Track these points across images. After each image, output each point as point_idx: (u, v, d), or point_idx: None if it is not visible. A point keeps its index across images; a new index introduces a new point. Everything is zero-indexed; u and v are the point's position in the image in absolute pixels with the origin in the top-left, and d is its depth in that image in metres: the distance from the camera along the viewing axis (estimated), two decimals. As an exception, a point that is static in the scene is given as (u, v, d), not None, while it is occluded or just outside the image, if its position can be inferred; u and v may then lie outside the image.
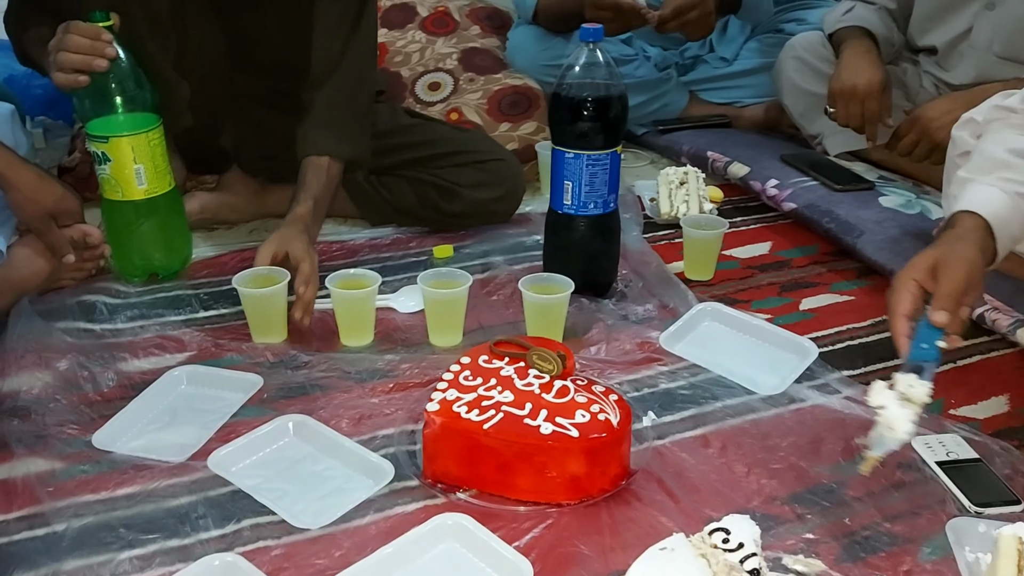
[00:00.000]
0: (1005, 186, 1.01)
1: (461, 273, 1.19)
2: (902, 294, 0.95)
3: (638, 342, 1.21)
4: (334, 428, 1.00)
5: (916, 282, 0.95)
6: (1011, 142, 1.05)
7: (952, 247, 0.96)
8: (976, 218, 0.98)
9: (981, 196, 1.01)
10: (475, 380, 0.96)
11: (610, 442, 0.90)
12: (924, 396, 0.89)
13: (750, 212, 1.68)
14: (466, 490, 0.92)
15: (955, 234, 0.98)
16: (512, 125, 1.76)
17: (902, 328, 0.94)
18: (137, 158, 1.22)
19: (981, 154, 1.07)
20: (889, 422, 0.87)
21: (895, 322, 0.94)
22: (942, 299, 0.93)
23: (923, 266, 0.95)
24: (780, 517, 0.90)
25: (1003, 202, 1.00)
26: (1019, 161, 1.02)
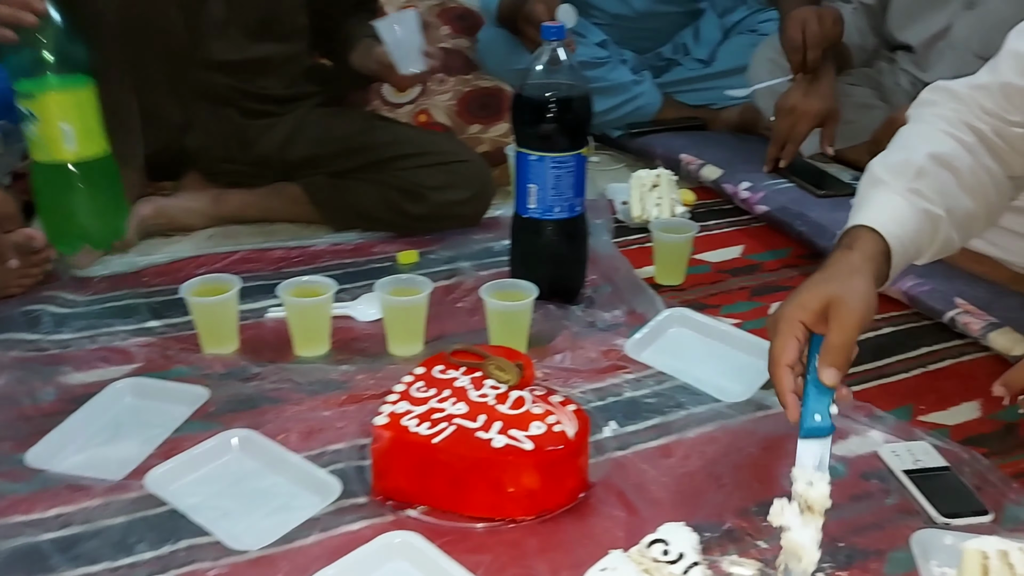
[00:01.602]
0: (914, 200, 0.91)
1: (421, 280, 1.16)
2: (787, 339, 0.84)
3: (604, 350, 1.17)
4: (282, 443, 0.96)
5: (803, 325, 0.84)
6: (934, 144, 0.96)
7: (847, 285, 0.84)
8: (877, 240, 0.89)
9: (888, 210, 0.91)
10: (428, 392, 0.92)
11: (566, 455, 0.87)
12: (824, 496, 0.77)
13: (723, 215, 1.65)
14: (417, 507, 0.88)
15: (850, 263, 0.87)
16: (482, 127, 1.72)
17: (787, 382, 0.83)
18: (65, 116, 1.14)
19: (902, 148, 0.98)
20: (794, 549, 0.76)
21: (779, 373, 0.84)
22: (832, 352, 0.82)
23: (813, 307, 0.84)
24: (743, 528, 0.87)
25: (909, 218, 0.91)
26: (937, 170, 0.94)
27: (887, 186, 0.93)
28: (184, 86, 1.44)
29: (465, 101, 1.74)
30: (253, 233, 1.52)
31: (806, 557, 0.76)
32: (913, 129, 1.01)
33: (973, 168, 0.95)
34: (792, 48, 1.64)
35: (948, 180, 0.94)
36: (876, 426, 1.02)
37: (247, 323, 1.22)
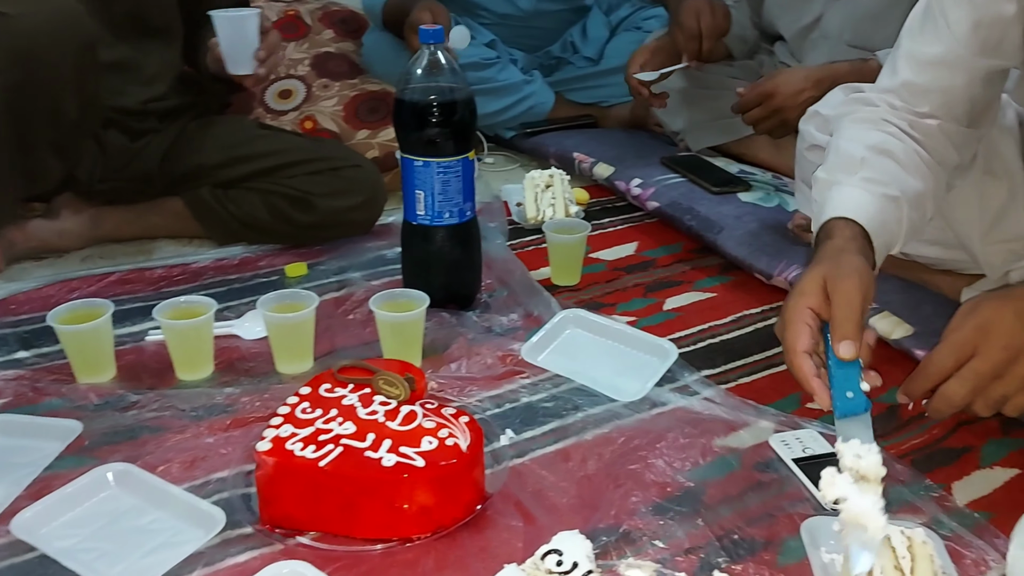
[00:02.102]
0: (870, 188, 0.94)
1: (307, 294, 1.12)
2: (798, 327, 0.83)
3: (500, 355, 1.16)
4: (163, 474, 0.91)
5: (811, 311, 0.84)
6: (866, 138, 1.00)
7: (836, 262, 0.86)
8: (851, 224, 0.90)
9: (851, 200, 0.93)
10: (314, 412, 0.89)
11: (459, 468, 0.85)
12: (878, 465, 0.75)
13: (617, 212, 1.66)
14: (308, 533, 0.85)
15: (834, 245, 0.88)
16: (371, 132, 1.69)
17: (808, 368, 0.82)
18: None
19: (838, 153, 1.02)
20: (857, 518, 0.72)
21: (796, 361, 0.83)
22: (840, 326, 0.82)
23: (813, 290, 0.84)
24: (639, 529, 0.87)
25: (872, 205, 0.93)
26: (877, 158, 0.97)
27: (840, 184, 0.96)
28: None
29: (352, 106, 1.71)
30: (132, 252, 1.46)
31: (872, 524, 0.72)
32: (841, 134, 1.04)
33: (907, 151, 0.98)
34: (689, 36, 1.67)
35: (890, 165, 0.97)
36: (766, 417, 1.04)
37: (125, 348, 1.16)
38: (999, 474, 0.96)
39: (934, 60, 0.98)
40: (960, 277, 1.22)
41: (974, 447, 1.01)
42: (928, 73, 0.99)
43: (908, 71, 1.00)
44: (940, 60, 0.97)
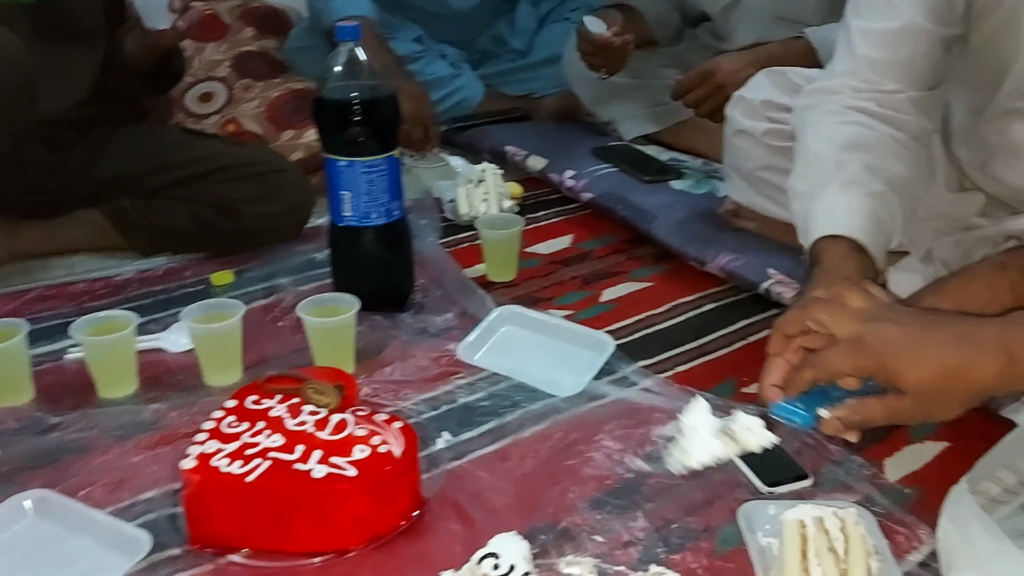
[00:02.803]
0: (852, 191, 0.91)
1: (232, 303, 1.09)
2: (776, 362, 0.82)
3: (435, 356, 1.15)
4: (86, 498, 0.88)
5: None
6: (835, 136, 0.98)
7: (838, 281, 0.82)
8: (839, 242, 0.88)
9: (836, 212, 0.90)
10: (240, 426, 0.86)
11: (394, 475, 0.84)
12: (754, 445, 0.77)
13: (551, 205, 1.66)
14: (239, 551, 0.82)
15: (823, 270, 0.85)
16: (296, 133, 1.66)
17: (771, 377, 0.82)
18: None
19: (807, 159, 0.99)
20: (686, 446, 0.78)
21: (766, 388, 0.82)
22: None
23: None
24: (581, 525, 0.86)
25: (859, 210, 0.90)
26: (851, 156, 0.95)
27: (819, 196, 0.93)
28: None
29: (276, 106, 1.67)
30: (51, 267, 1.40)
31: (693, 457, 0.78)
32: (808, 136, 1.01)
33: (881, 139, 0.97)
34: None
35: (867, 159, 0.94)
36: (703, 403, 1.04)
37: (44, 368, 1.12)
38: (929, 448, 0.98)
39: (892, 32, 0.97)
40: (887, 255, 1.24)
41: (904, 423, 1.02)
42: (888, 47, 0.98)
43: (866, 47, 0.99)
44: (899, 32, 0.97)
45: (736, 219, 1.41)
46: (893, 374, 0.73)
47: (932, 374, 0.72)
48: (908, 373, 0.72)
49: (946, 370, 0.72)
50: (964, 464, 0.81)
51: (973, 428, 0.99)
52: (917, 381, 0.72)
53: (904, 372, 0.72)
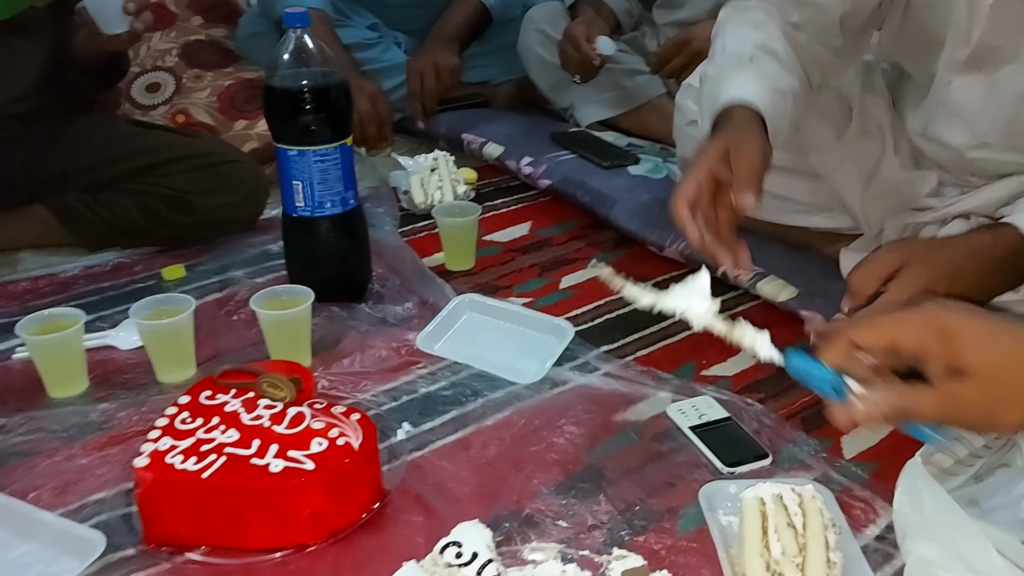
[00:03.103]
0: (762, 80, 0.97)
1: (183, 298, 1.06)
2: (689, 182, 0.88)
3: (395, 346, 1.13)
4: (33, 502, 0.85)
5: (710, 171, 0.88)
6: (751, 37, 1.03)
7: (737, 132, 0.90)
8: (746, 109, 0.93)
9: (747, 87, 0.95)
10: (194, 422, 0.84)
11: (353, 468, 0.82)
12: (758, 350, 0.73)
13: (509, 193, 1.65)
14: (197, 549, 0.80)
15: (734, 123, 0.92)
16: (249, 122, 1.62)
17: (684, 212, 0.88)
18: None
19: (724, 51, 1.04)
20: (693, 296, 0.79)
21: (678, 206, 0.88)
22: (742, 180, 0.86)
23: (714, 154, 0.88)
24: (543, 511, 0.86)
25: (766, 95, 0.95)
26: (765, 56, 1.01)
27: (731, 76, 0.99)
28: None
29: (227, 96, 1.63)
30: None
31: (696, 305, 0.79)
32: (726, 36, 1.07)
33: (787, 52, 1.03)
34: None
35: (776, 64, 1.01)
36: (664, 387, 1.05)
37: (-11, 369, 1.08)
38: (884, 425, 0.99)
39: None
40: (839, 237, 1.26)
41: (861, 401, 1.03)
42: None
43: None
44: None
45: (694, 203, 1.41)
46: (959, 348, 0.59)
47: (1005, 354, 0.59)
48: (978, 347, 0.58)
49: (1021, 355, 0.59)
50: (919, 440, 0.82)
51: (928, 403, 1.01)
52: (985, 360, 0.58)
53: (974, 345, 0.59)
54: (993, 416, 0.59)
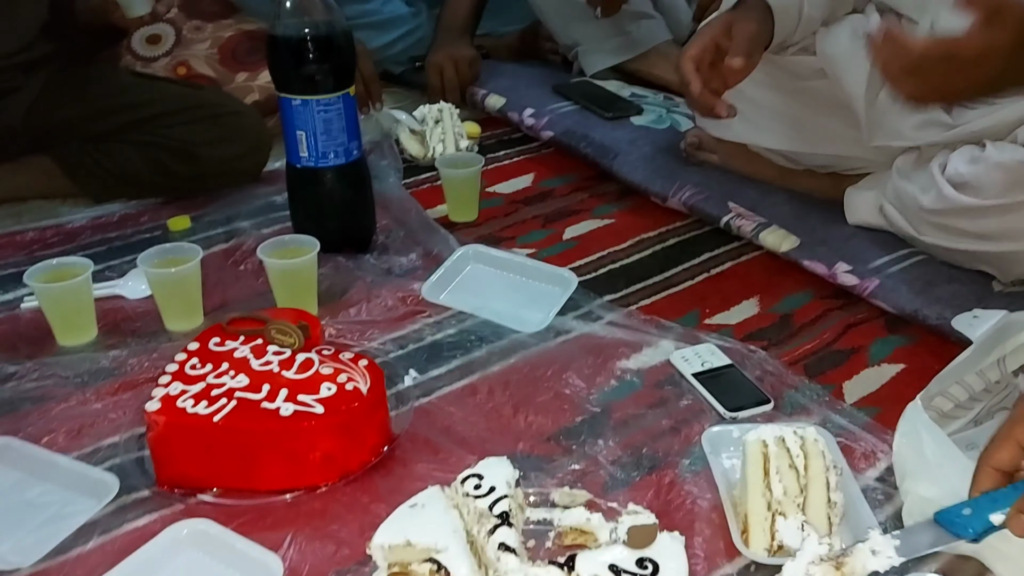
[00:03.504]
0: None
1: (190, 247, 1.07)
2: (696, 44, 1.10)
3: (401, 296, 1.14)
4: (48, 445, 0.87)
5: (713, 40, 1.05)
6: None
7: (742, 12, 1.08)
8: (760, 3, 1.08)
9: None
10: (204, 367, 0.86)
11: (362, 412, 0.84)
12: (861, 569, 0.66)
13: (512, 144, 1.64)
14: (209, 491, 0.82)
15: (744, 6, 1.09)
16: (250, 75, 1.61)
17: (690, 68, 1.09)
18: None
19: None
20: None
21: (684, 62, 1.09)
22: (737, 47, 1.02)
23: (718, 26, 1.05)
24: (549, 455, 0.88)
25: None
26: None
27: None
28: None
29: (228, 48, 1.62)
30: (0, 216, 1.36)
31: None
32: None
33: None
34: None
35: None
36: (667, 335, 1.06)
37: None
38: (886, 370, 1.01)
39: None
40: (843, 178, 1.26)
41: (862, 347, 1.05)
42: None
43: None
44: None
45: (698, 152, 1.41)
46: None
47: None
48: None
49: None
50: (920, 384, 0.84)
51: (929, 350, 1.02)
52: None
53: None
54: None
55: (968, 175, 1.04)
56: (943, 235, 1.09)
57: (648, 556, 0.64)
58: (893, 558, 0.66)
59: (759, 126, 1.28)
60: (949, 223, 1.08)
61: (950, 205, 1.06)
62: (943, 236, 1.09)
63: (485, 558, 0.68)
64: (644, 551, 0.64)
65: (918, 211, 1.11)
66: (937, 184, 1.07)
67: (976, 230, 1.06)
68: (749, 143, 1.33)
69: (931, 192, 1.08)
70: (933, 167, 1.08)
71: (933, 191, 1.08)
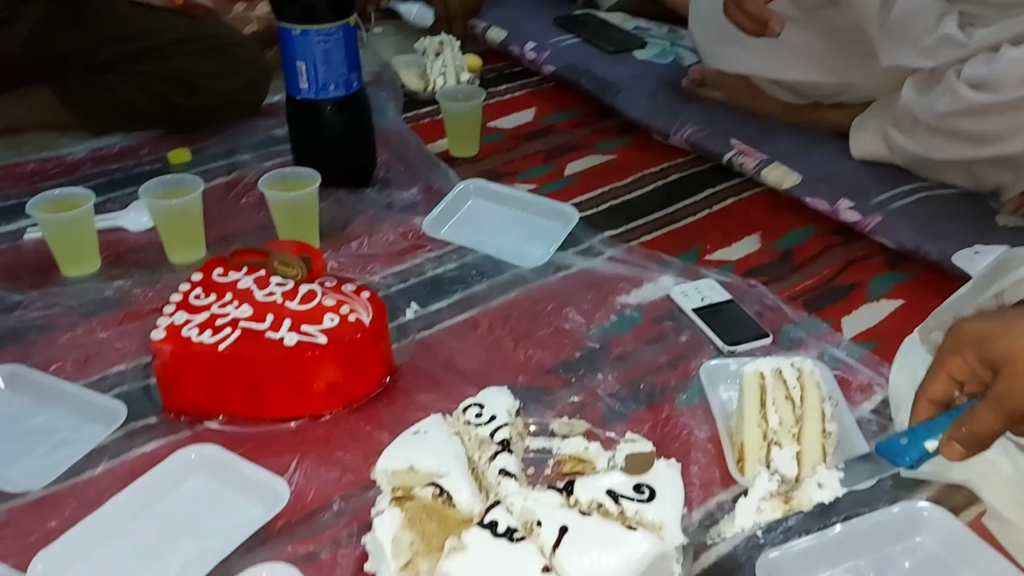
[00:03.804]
0: None
1: (191, 178, 1.07)
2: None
3: (402, 231, 1.15)
4: (55, 373, 0.88)
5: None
6: None
7: None
8: None
9: None
10: (208, 298, 0.86)
11: (364, 343, 0.85)
12: (807, 501, 0.69)
13: (513, 79, 1.62)
14: (216, 418, 0.83)
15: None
16: (248, 4, 1.59)
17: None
18: None
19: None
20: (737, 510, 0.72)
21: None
22: None
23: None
24: (548, 387, 0.89)
25: None
26: None
27: None
28: None
29: (226, -23, 1.59)
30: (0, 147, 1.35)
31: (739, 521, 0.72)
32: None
33: None
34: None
35: None
36: (667, 271, 1.06)
37: (2, 248, 1.10)
38: (885, 306, 1.02)
39: None
40: (850, 108, 1.25)
41: (862, 283, 1.05)
42: None
43: None
44: None
45: (701, 89, 1.40)
46: (987, 345, 0.63)
47: None
48: (1000, 344, 0.62)
49: None
50: (918, 320, 0.85)
51: (929, 285, 1.03)
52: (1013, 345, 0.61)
53: (996, 344, 0.62)
54: None
55: (985, 73, 1.04)
56: (955, 145, 1.09)
57: (645, 481, 0.65)
58: (837, 489, 0.70)
59: (768, 57, 1.26)
60: (964, 127, 1.08)
61: (966, 105, 1.06)
62: (955, 146, 1.10)
63: (486, 483, 0.69)
64: (641, 477, 0.65)
65: (932, 119, 1.10)
66: (953, 87, 1.07)
67: (993, 131, 1.06)
68: (759, 75, 1.32)
69: (946, 96, 1.08)
70: (949, 74, 1.08)
71: (948, 95, 1.08)
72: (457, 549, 0.62)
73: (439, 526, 0.66)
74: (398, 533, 0.66)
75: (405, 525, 0.66)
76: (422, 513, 0.67)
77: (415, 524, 0.66)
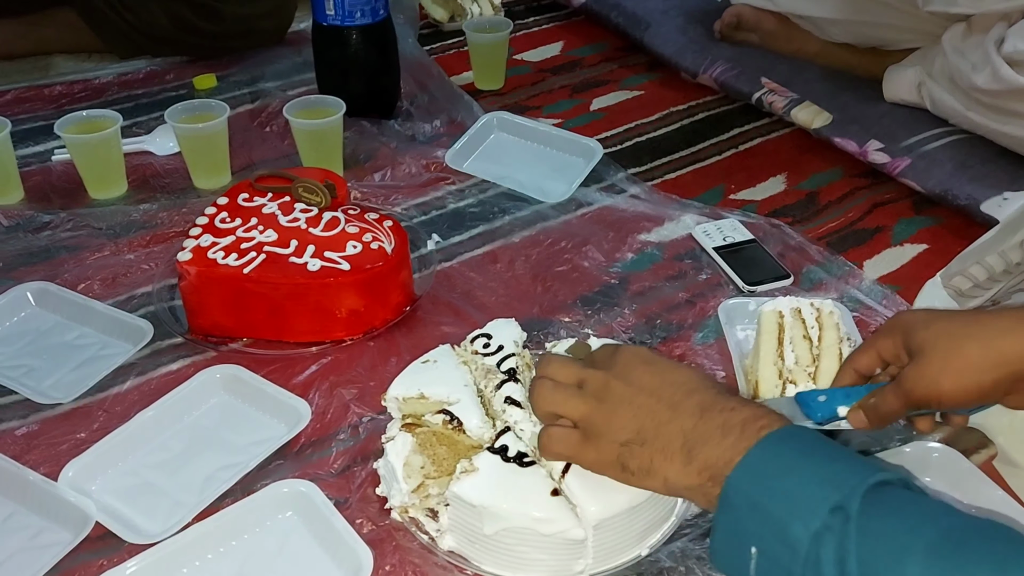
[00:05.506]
0: None
1: (217, 104, 1.07)
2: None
3: (424, 163, 1.14)
4: (84, 292, 0.90)
5: None
6: None
7: None
8: None
9: None
10: (233, 222, 0.87)
11: (386, 271, 0.86)
12: None
13: (541, 11, 1.60)
14: (239, 340, 0.85)
15: None
16: (275, -70, 1.56)
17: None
18: None
19: None
20: None
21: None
22: None
23: None
24: (569, 321, 0.90)
25: None
26: None
27: None
28: None
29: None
30: (27, 69, 1.36)
31: None
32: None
33: None
34: None
35: None
36: (689, 210, 1.06)
37: (31, 169, 1.11)
38: (908, 250, 1.01)
39: None
40: (885, 55, 1.22)
41: (886, 227, 1.05)
42: None
43: None
44: None
45: (736, 32, 1.37)
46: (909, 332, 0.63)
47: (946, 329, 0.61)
48: (919, 334, 0.61)
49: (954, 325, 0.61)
50: (940, 265, 0.84)
51: (954, 230, 1.02)
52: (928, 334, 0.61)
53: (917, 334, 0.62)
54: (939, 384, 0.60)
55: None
56: (993, 116, 1.07)
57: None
58: None
59: None
60: (1002, 104, 1.06)
61: (1006, 86, 1.03)
62: (993, 117, 1.07)
63: (492, 410, 0.71)
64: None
65: (969, 89, 1.08)
66: (992, 62, 1.03)
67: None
68: (794, 11, 1.29)
69: (985, 71, 1.05)
70: (988, 44, 1.05)
71: (987, 70, 1.05)
72: (468, 471, 0.64)
73: (449, 451, 0.68)
74: (409, 457, 0.67)
75: (416, 449, 0.68)
76: (432, 438, 0.68)
77: (426, 449, 0.68)
